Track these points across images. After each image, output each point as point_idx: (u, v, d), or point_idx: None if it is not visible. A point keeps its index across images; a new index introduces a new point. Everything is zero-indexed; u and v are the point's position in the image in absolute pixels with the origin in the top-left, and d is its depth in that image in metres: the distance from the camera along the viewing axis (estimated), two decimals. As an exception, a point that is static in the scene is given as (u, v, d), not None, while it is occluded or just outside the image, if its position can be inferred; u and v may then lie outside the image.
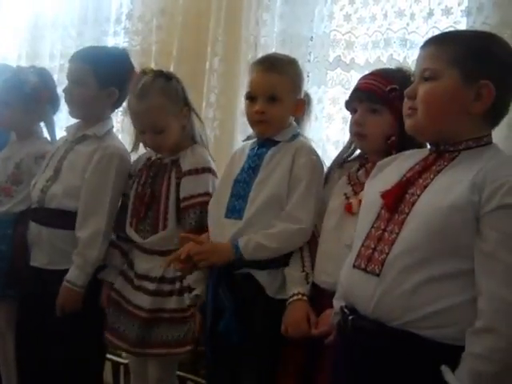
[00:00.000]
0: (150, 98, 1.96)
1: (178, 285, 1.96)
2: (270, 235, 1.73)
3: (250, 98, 1.84)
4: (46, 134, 2.46)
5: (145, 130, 2.00)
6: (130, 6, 3.16)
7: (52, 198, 2.09)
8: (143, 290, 2.00)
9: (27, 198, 2.23)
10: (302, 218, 1.73)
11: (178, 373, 2.22)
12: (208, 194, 1.94)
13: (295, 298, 1.70)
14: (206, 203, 1.91)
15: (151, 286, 1.99)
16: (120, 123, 3.14)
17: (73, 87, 2.12)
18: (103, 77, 2.12)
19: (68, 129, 2.28)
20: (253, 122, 1.86)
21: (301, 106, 1.87)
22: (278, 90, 1.79)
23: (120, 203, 2.13)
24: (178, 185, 1.97)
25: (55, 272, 2.09)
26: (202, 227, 1.91)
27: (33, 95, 2.32)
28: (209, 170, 1.98)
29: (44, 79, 2.39)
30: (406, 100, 1.39)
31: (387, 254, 1.30)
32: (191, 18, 2.87)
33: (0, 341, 2.37)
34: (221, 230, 1.82)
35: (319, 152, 1.93)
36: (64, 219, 2.09)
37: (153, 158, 2.09)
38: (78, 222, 2.06)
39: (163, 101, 1.97)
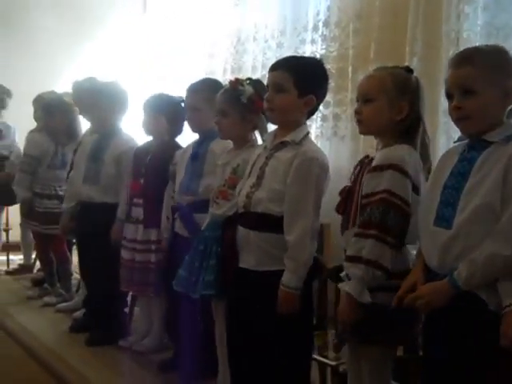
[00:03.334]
0: (375, 73, 2.01)
1: None
2: (476, 263, 1.62)
3: (448, 95, 1.78)
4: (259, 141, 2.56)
5: (358, 97, 2.01)
6: (326, 13, 3.22)
7: (258, 202, 2.19)
8: None
9: None
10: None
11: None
12: (388, 192, 1.86)
13: (507, 309, 1.58)
14: (387, 200, 1.86)
15: None
16: (319, 129, 3.22)
17: (274, 94, 2.19)
18: (302, 85, 2.18)
19: (266, 137, 2.38)
20: (454, 120, 1.78)
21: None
22: (470, 82, 1.67)
23: None
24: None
25: (262, 273, 2.18)
26: (384, 226, 1.85)
27: (248, 105, 2.44)
28: (394, 167, 1.87)
29: (258, 90, 2.49)
30: None
31: None
32: (388, 18, 2.84)
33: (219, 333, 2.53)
34: (430, 238, 1.76)
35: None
36: (269, 223, 2.17)
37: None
38: (285, 226, 2.14)
39: (387, 78, 1.96)
